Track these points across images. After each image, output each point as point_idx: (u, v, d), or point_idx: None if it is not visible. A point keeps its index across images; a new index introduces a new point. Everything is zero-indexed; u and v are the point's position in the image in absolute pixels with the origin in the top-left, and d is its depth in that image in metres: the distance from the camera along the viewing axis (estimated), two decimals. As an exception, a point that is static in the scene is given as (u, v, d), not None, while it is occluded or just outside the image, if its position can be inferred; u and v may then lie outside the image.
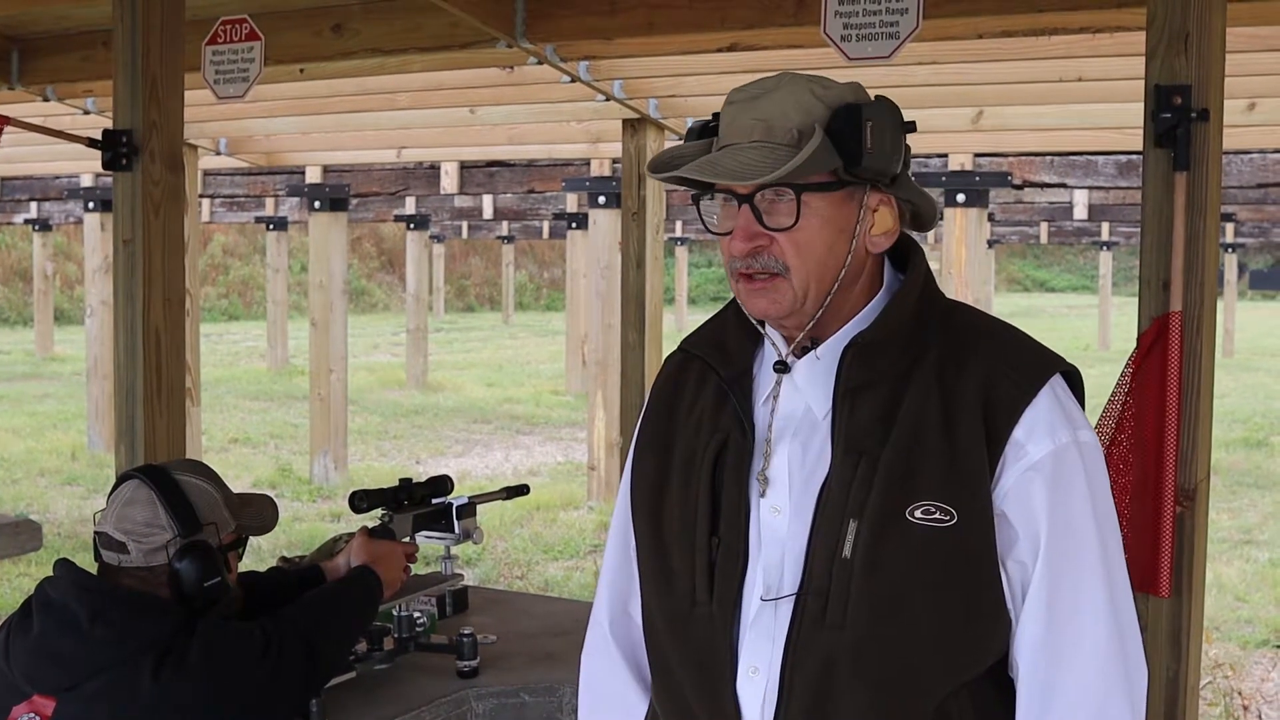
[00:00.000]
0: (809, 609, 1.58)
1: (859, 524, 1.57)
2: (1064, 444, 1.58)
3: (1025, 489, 1.57)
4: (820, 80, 1.62)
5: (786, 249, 1.60)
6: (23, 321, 26.99)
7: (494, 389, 17.64)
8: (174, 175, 3.67)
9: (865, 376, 1.62)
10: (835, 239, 1.61)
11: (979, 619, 1.58)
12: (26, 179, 12.53)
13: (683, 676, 1.70)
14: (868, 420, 1.60)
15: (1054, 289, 47.08)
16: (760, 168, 1.55)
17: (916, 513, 1.55)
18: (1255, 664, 6.27)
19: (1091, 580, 1.58)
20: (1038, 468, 1.57)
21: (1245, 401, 16.52)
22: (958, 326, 1.66)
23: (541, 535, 8.94)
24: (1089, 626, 1.58)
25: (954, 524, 1.55)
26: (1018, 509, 1.57)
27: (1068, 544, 1.58)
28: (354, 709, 2.65)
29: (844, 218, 1.61)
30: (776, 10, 4.08)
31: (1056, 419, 1.59)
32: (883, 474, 1.57)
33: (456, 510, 3.04)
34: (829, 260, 1.61)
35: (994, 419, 1.58)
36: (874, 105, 1.62)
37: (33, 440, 12.67)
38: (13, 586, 7.14)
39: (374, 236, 35.42)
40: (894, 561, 1.56)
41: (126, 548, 2.34)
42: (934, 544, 1.55)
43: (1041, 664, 1.58)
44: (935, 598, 1.56)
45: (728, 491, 1.67)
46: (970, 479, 1.56)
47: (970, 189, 8.18)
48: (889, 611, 1.56)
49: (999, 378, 1.60)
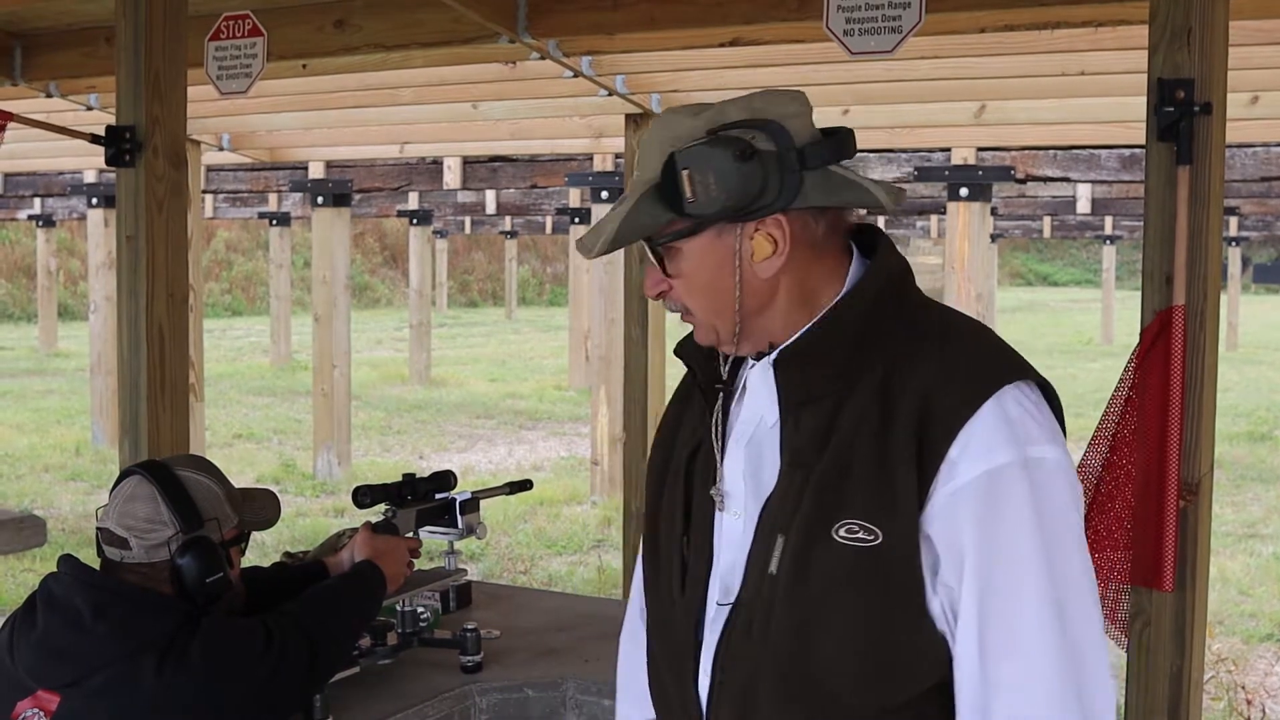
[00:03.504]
0: (739, 620, 1.60)
1: (785, 539, 1.56)
2: (1001, 465, 1.48)
3: (951, 512, 1.49)
4: (674, 120, 1.59)
5: (679, 292, 1.64)
6: (26, 317, 27.01)
7: (497, 384, 17.65)
8: (177, 171, 3.67)
9: (806, 387, 1.59)
10: (714, 276, 1.60)
11: (904, 643, 1.52)
12: (30, 175, 12.53)
13: (665, 670, 1.74)
14: (810, 433, 1.58)
15: (1057, 283, 47.03)
16: (600, 232, 1.60)
17: (841, 531, 1.52)
18: (1259, 658, 6.28)
19: (1033, 609, 1.48)
20: (965, 490, 1.49)
21: (1249, 395, 16.51)
22: (917, 333, 1.59)
23: (545, 530, 8.94)
24: (1032, 656, 1.48)
25: (878, 544, 1.50)
26: (942, 532, 1.50)
27: (999, 572, 1.48)
28: (357, 704, 2.65)
29: (719, 254, 1.59)
30: (779, 5, 4.07)
31: (998, 436, 1.49)
32: (812, 489, 1.55)
33: (460, 505, 3.04)
34: (718, 296, 1.61)
35: (929, 435, 1.50)
36: (694, 151, 1.55)
37: (37, 436, 12.69)
38: (17, 582, 7.15)
39: (377, 232, 35.41)
40: (817, 579, 1.53)
41: (128, 543, 2.34)
42: (858, 563, 1.51)
43: (977, 695, 1.51)
44: (857, 618, 1.52)
45: (698, 494, 1.70)
46: (898, 498, 1.50)
47: (973, 183, 8.17)
48: (810, 629, 1.54)
49: (940, 390, 1.52)
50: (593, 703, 2.80)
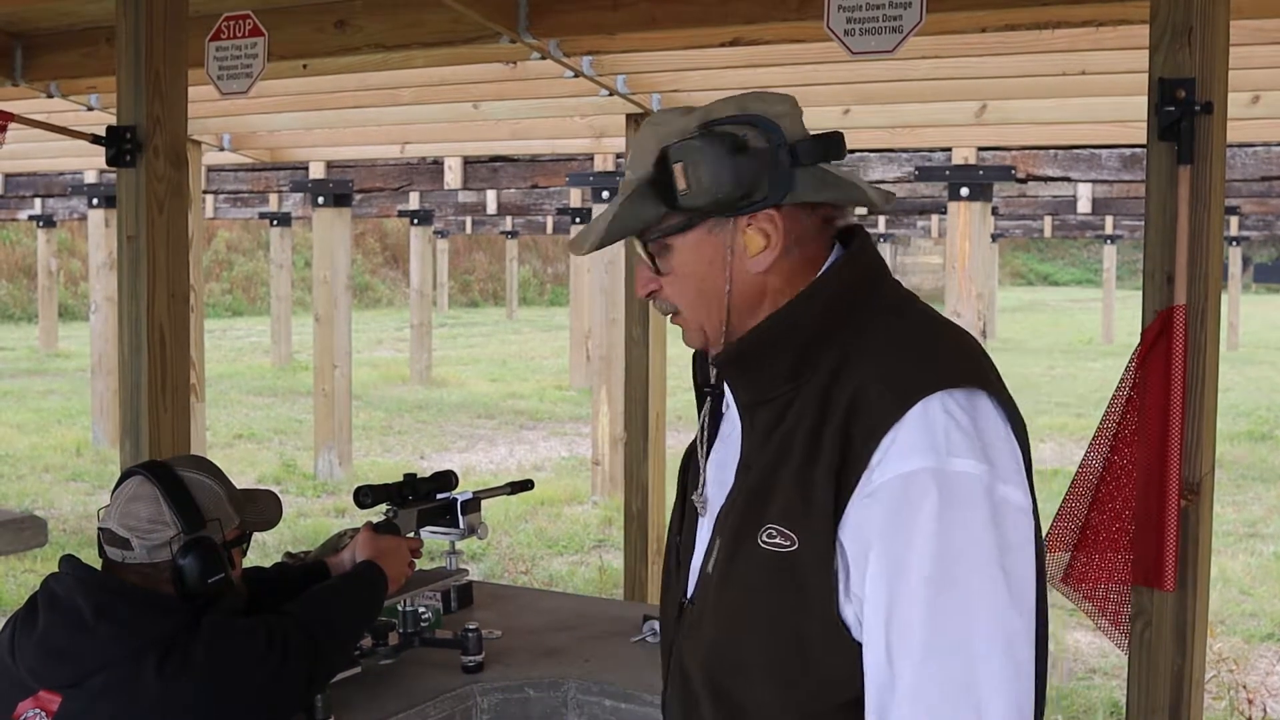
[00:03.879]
0: (687, 620, 1.65)
1: (721, 541, 1.59)
2: (914, 470, 1.43)
3: (862, 518, 1.46)
4: (667, 117, 1.59)
5: (669, 292, 1.63)
6: (27, 318, 27.01)
7: (498, 384, 17.65)
8: (177, 171, 3.67)
9: (752, 392, 1.60)
10: (706, 272, 1.60)
11: (817, 650, 1.50)
12: (31, 175, 12.53)
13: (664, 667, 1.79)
14: (760, 436, 1.58)
15: (1058, 283, 47.01)
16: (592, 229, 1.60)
17: (763, 535, 1.52)
18: (1260, 658, 6.28)
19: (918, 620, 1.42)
20: (878, 495, 1.45)
21: (1250, 395, 16.50)
22: (871, 334, 1.55)
23: (546, 530, 8.94)
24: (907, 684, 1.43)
25: (794, 550, 1.50)
26: (853, 539, 1.47)
27: (896, 580, 1.44)
28: (359, 704, 2.65)
29: (711, 249, 1.59)
30: (779, 5, 4.07)
31: (917, 443, 1.44)
32: (745, 493, 1.57)
33: (461, 505, 3.04)
34: (708, 294, 1.61)
35: (853, 441, 1.47)
36: (686, 145, 1.55)
37: (37, 436, 12.69)
38: (18, 582, 7.15)
39: (378, 232, 35.41)
40: (740, 582, 1.55)
41: (130, 544, 2.34)
42: (775, 569, 1.51)
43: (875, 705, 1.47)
44: (771, 622, 1.52)
45: (688, 498, 1.73)
46: (814, 504, 1.48)
47: (974, 183, 8.16)
48: (731, 630, 1.57)
49: (868, 396, 1.48)
50: (594, 703, 2.80)
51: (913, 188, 8.78)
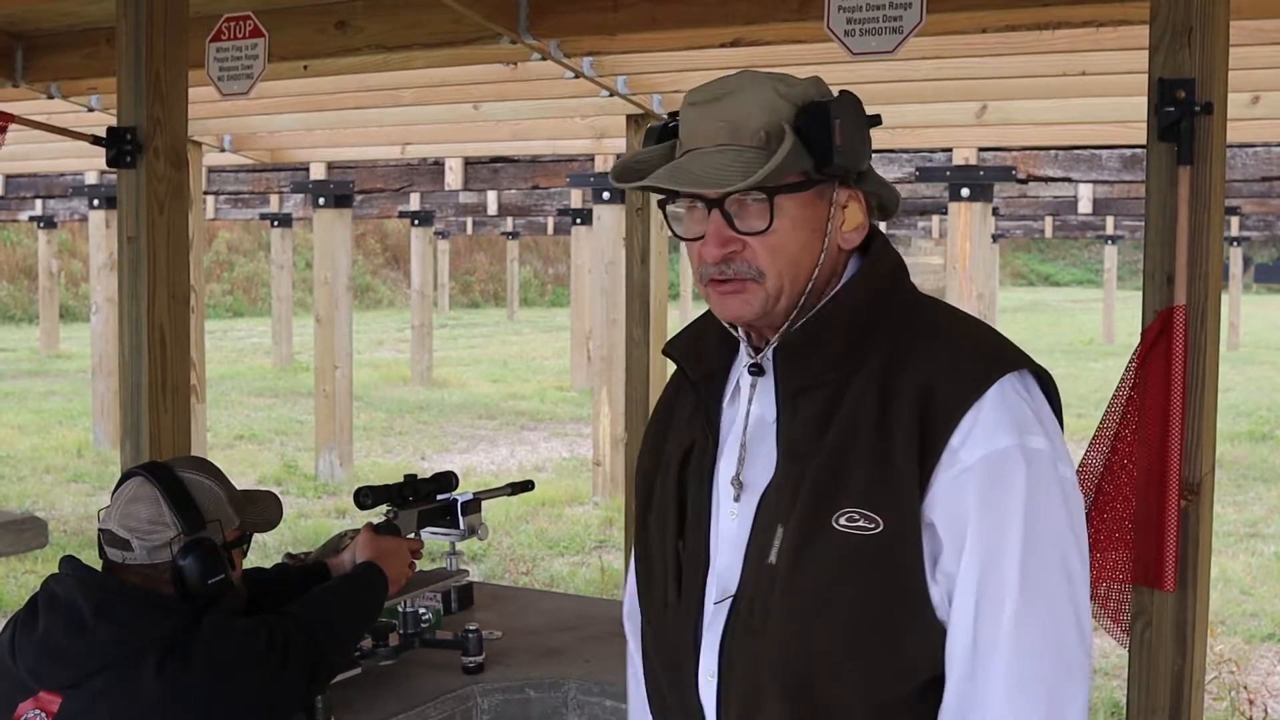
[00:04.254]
0: (740, 614, 1.59)
1: (785, 529, 1.55)
2: (1002, 448, 1.50)
3: (954, 495, 1.50)
4: (783, 78, 1.58)
5: (760, 253, 1.56)
6: (28, 319, 27.02)
7: (499, 385, 17.65)
8: (178, 172, 3.67)
9: (803, 378, 1.59)
10: (808, 239, 1.58)
11: (902, 632, 1.52)
12: (31, 176, 12.53)
13: (662, 675, 1.72)
14: (807, 423, 1.57)
15: (1059, 283, 47.01)
16: (729, 172, 1.52)
17: (841, 519, 1.52)
18: (1261, 658, 6.27)
19: (1007, 598, 1.49)
20: (970, 472, 1.50)
21: (1251, 395, 16.51)
22: (915, 325, 1.60)
23: (547, 531, 8.94)
24: (1003, 642, 1.49)
25: (879, 532, 1.50)
26: (945, 517, 1.50)
27: (992, 552, 1.49)
28: (359, 705, 2.65)
29: (815, 217, 1.58)
30: (779, 5, 4.07)
31: (999, 423, 1.51)
32: (811, 479, 1.54)
33: (461, 506, 3.04)
34: (803, 261, 1.58)
35: (930, 424, 1.51)
36: (840, 102, 1.56)
37: (38, 437, 12.70)
38: (19, 584, 7.16)
39: (378, 233, 35.41)
40: (816, 568, 1.53)
41: (130, 545, 2.34)
42: (857, 552, 1.51)
43: (961, 678, 1.51)
44: (856, 607, 1.52)
45: (691, 494, 1.68)
46: (899, 487, 1.51)
47: (974, 183, 8.17)
48: (808, 619, 1.54)
49: (940, 380, 1.52)
50: (594, 703, 2.80)
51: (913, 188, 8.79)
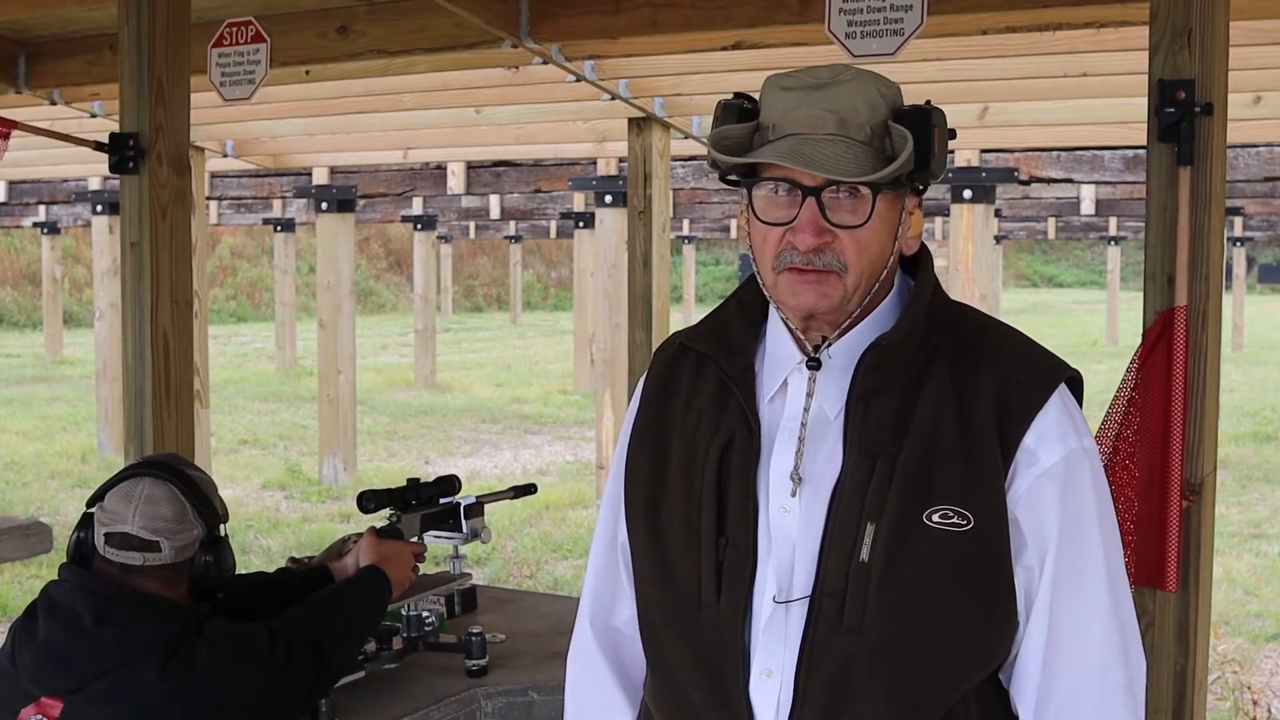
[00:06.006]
0: (825, 611, 1.58)
1: (876, 527, 1.56)
2: (1073, 450, 1.60)
3: (1037, 495, 1.59)
4: (880, 76, 1.63)
5: (848, 247, 1.59)
6: (32, 325, 27.05)
7: (502, 389, 17.65)
8: (180, 178, 3.68)
9: (881, 379, 1.62)
10: (886, 240, 1.62)
11: (991, 622, 1.59)
12: (34, 182, 12.56)
13: (688, 677, 1.67)
14: (882, 423, 1.60)
15: (1062, 284, 46.99)
16: (844, 162, 1.55)
17: (934, 516, 1.56)
18: (1265, 658, 6.26)
19: (1096, 583, 1.61)
20: (1050, 474, 1.59)
21: (1254, 395, 16.49)
22: (967, 329, 1.68)
23: (550, 534, 8.94)
24: (1094, 630, 1.61)
25: (971, 528, 1.56)
26: (1029, 515, 1.59)
27: (1075, 549, 1.60)
28: (363, 708, 2.66)
29: (893, 219, 1.63)
30: (780, 8, 4.08)
31: (1066, 425, 1.61)
32: (900, 477, 1.57)
33: (464, 510, 3.05)
34: (880, 260, 1.63)
35: (1006, 424, 1.59)
36: (940, 112, 1.63)
37: (43, 443, 12.70)
38: (24, 589, 7.16)
39: (381, 237, 35.43)
40: (912, 565, 1.56)
41: (159, 546, 2.34)
42: (951, 548, 1.56)
43: (1044, 667, 1.61)
44: (951, 601, 1.56)
45: (734, 491, 1.65)
46: (986, 483, 1.58)
47: (977, 185, 8.17)
48: (906, 615, 1.56)
49: (1011, 383, 1.61)
50: (598, 706, 2.80)
51: (915, 190, 8.76)
